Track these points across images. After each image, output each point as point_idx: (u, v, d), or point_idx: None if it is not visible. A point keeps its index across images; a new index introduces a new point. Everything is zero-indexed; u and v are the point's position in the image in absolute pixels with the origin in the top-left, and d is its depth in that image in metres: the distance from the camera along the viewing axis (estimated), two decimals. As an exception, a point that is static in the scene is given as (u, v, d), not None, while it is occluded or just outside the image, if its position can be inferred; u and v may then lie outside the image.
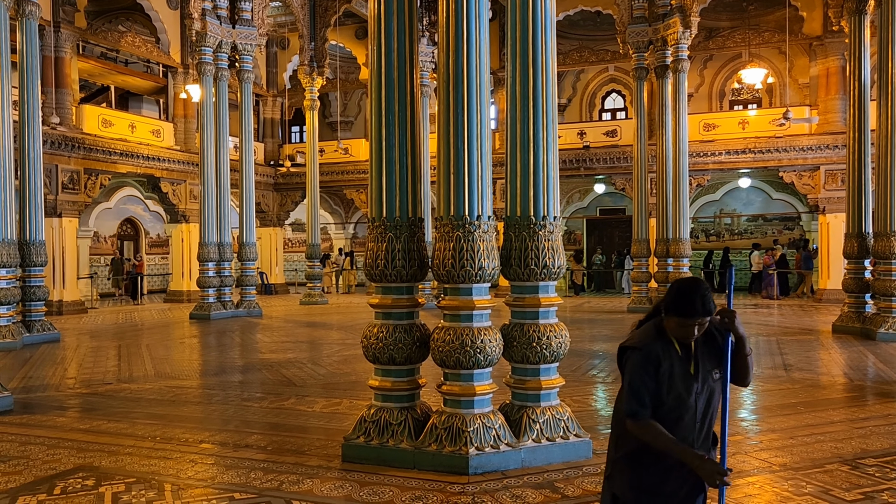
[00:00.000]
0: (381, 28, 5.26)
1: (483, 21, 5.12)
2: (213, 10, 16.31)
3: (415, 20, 5.42)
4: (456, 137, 5.01)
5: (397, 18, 5.24)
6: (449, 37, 5.07)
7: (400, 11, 5.24)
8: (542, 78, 5.23)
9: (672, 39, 16.06)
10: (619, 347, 2.75)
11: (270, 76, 25.42)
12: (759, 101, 23.97)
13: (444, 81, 5.09)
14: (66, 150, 17.09)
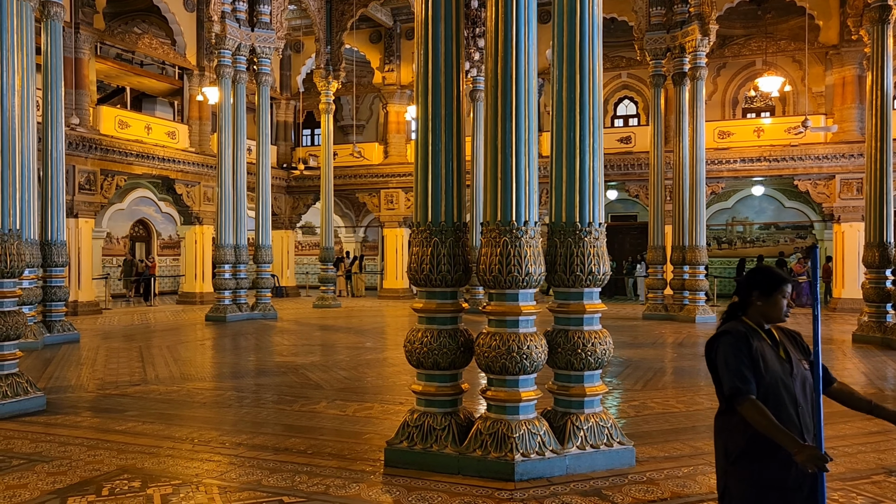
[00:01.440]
0: (428, 33, 5.27)
1: (532, 27, 5.13)
2: (232, 13, 16.35)
3: (461, 25, 5.44)
4: (504, 143, 5.01)
5: (444, 24, 5.25)
6: (497, 42, 5.07)
7: (447, 17, 5.26)
8: (588, 83, 5.24)
9: (690, 47, 16.07)
10: (706, 344, 2.76)
11: (284, 79, 25.48)
12: (773, 109, 23.95)
13: (492, 86, 5.10)
14: (84, 150, 17.14)
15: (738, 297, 2.73)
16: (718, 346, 2.66)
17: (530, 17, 5.14)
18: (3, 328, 6.67)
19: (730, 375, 2.58)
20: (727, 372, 2.59)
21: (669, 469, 5.09)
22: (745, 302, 2.70)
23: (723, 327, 2.71)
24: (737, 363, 2.57)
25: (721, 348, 2.65)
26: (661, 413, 7.03)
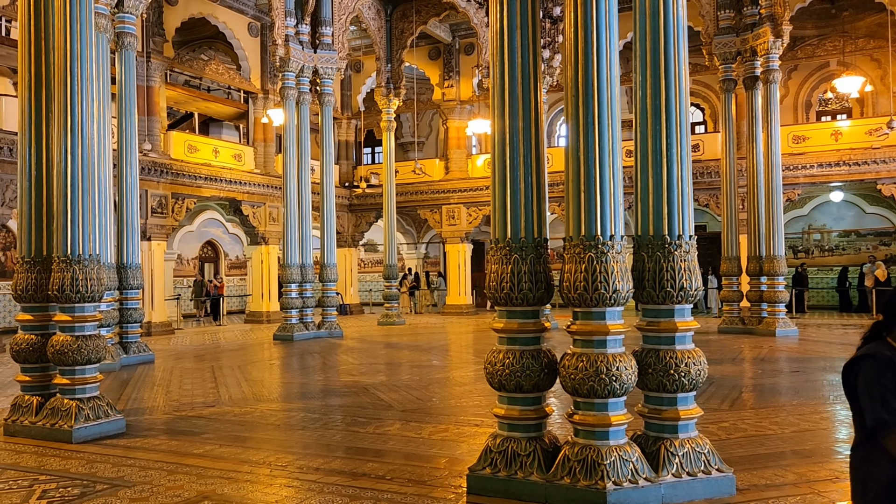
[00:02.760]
0: (504, 44, 5.11)
1: (613, 32, 4.91)
2: (295, 37, 16.60)
3: (538, 35, 5.26)
4: (586, 154, 4.79)
5: (521, 34, 5.09)
6: (578, 50, 4.87)
7: (524, 26, 5.09)
8: (674, 88, 4.97)
9: (762, 49, 15.49)
10: (843, 367, 2.48)
11: (345, 99, 25.78)
12: (850, 111, 22.95)
13: (573, 96, 4.88)
14: (156, 175, 17.61)
15: (884, 315, 2.44)
16: (860, 371, 2.37)
17: (611, 20, 4.93)
18: (84, 352, 6.76)
19: (873, 404, 2.29)
20: (870, 400, 2.30)
21: (774, 499, 4.73)
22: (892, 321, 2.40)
23: (864, 349, 2.41)
24: (881, 391, 2.28)
25: (863, 373, 2.36)
26: (755, 435, 6.62)
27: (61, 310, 6.87)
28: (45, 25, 7.15)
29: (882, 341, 2.42)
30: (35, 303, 7.09)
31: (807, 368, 10.48)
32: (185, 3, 19.15)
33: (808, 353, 12.63)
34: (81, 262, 6.81)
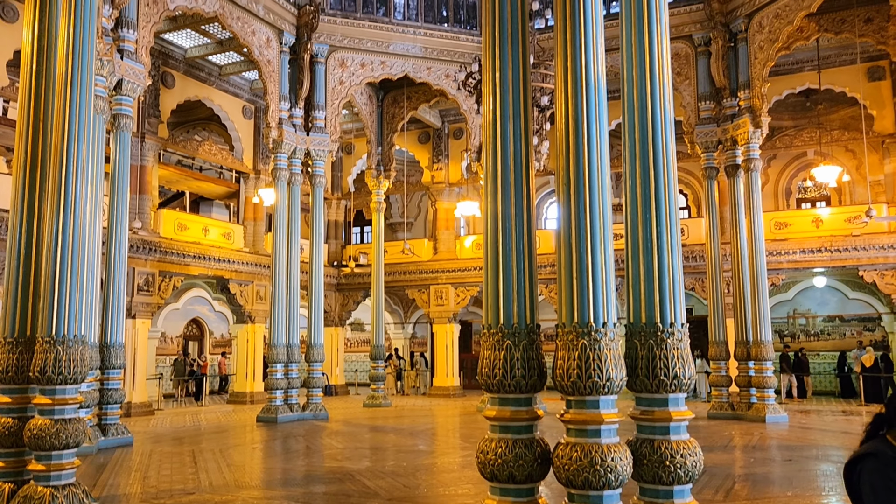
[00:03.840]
0: (496, 133, 5.25)
1: (603, 123, 5.07)
2: (289, 120, 16.97)
3: (530, 124, 5.41)
4: (578, 241, 4.85)
5: (513, 123, 5.24)
6: (569, 140, 5.00)
7: (516, 117, 5.25)
8: (663, 177, 5.10)
9: (742, 139, 15.99)
10: (845, 466, 2.42)
11: (336, 179, 26.15)
12: (828, 199, 23.51)
13: (564, 184, 4.99)
14: (144, 253, 17.58)
15: (888, 409, 2.39)
16: (863, 471, 2.32)
17: (601, 112, 5.10)
18: (63, 436, 6.57)
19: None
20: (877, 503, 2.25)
21: None
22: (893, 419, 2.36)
23: (866, 447, 2.35)
24: (887, 494, 2.23)
25: (866, 475, 2.29)
26: (751, 529, 6.45)
27: (42, 392, 6.71)
28: (45, 107, 7.28)
29: (881, 439, 2.37)
30: (15, 384, 6.92)
31: (799, 457, 10.34)
32: (182, 86, 19.62)
33: (800, 440, 12.47)
34: (66, 342, 6.70)
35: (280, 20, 17.03)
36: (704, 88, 16.91)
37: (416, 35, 18.76)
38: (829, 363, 22.29)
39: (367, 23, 18.34)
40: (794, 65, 19.60)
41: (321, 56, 17.80)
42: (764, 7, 15.70)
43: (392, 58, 18.67)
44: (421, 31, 18.82)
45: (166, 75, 19.21)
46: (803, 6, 14.69)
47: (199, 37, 18.92)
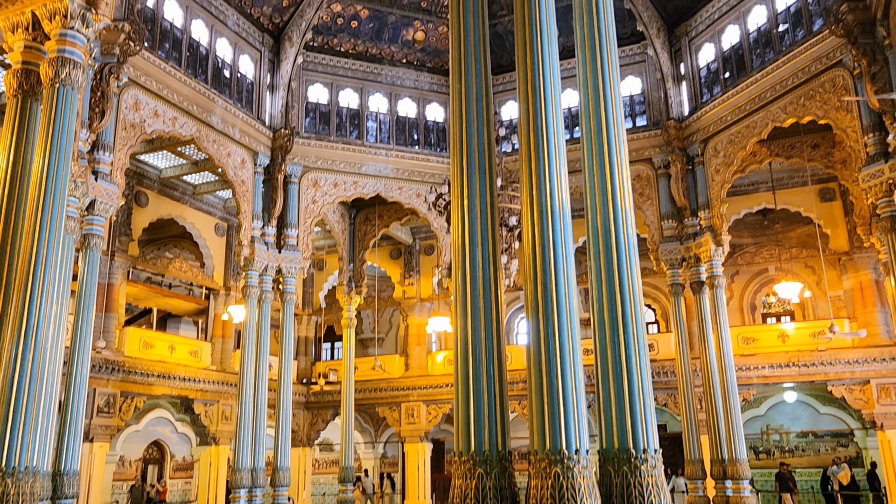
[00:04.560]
0: (465, 256, 5.36)
1: (569, 244, 5.23)
2: (261, 238, 17.13)
3: (497, 245, 5.55)
4: (548, 363, 4.88)
5: (481, 245, 5.37)
6: (535, 262, 5.13)
7: (483, 238, 5.39)
8: (629, 300, 5.21)
9: (705, 257, 16.46)
10: None
11: (306, 296, 26.08)
12: (792, 314, 23.98)
13: (533, 307, 5.07)
14: (106, 372, 17.10)
15: None
16: None
17: (567, 234, 5.26)
18: (5, 577, 6.14)
19: None
20: None
21: None
22: None
23: None
24: None
25: None
26: None
27: (-13, 527, 6.33)
28: (15, 229, 7.30)
29: None
30: (-41, 519, 6.53)
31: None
32: (156, 204, 19.80)
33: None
34: (16, 475, 6.39)
35: (255, 143, 17.53)
36: (666, 208, 17.54)
37: (388, 157, 19.37)
38: (805, 480, 21.96)
39: (340, 145, 18.95)
40: (750, 186, 20.49)
41: (295, 176, 18.23)
42: (718, 133, 16.61)
43: (364, 178, 19.18)
44: (393, 152, 19.46)
45: (140, 194, 19.42)
46: (754, 133, 15.58)
47: (175, 158, 19.31)
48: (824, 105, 13.95)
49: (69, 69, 9.14)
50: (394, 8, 19.41)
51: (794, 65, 14.67)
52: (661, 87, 18.16)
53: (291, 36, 18.37)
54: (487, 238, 5.48)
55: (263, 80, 18.33)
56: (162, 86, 14.92)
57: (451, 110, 6.33)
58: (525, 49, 6.34)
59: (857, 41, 12.73)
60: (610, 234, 5.41)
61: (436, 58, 20.48)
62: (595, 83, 6.21)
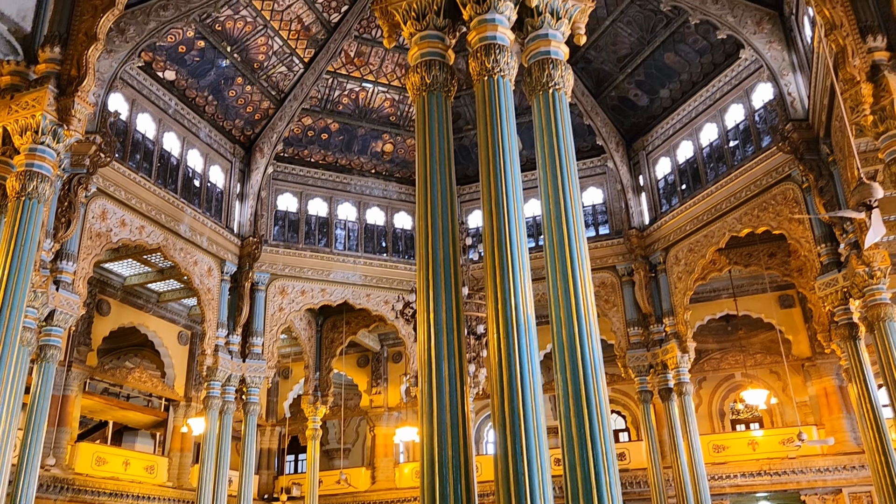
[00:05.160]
0: (431, 367, 5.33)
1: (534, 353, 5.25)
2: (225, 346, 16.84)
3: (463, 351, 5.55)
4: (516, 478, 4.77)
5: (447, 357, 5.36)
6: (502, 372, 5.11)
7: (450, 348, 5.39)
8: (596, 410, 5.19)
9: (672, 363, 16.55)
10: None
11: (271, 405, 25.38)
12: (760, 420, 23.92)
13: (500, 420, 5.01)
14: (54, 492, 16.19)
15: None
16: None
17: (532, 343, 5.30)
18: None
19: None
20: None
21: None
22: None
23: None
24: None
25: None
26: None
27: None
28: (-31, 341, 7.09)
29: None
30: None
31: None
32: (118, 313, 19.46)
33: None
34: None
35: (223, 250, 17.55)
36: (632, 315, 17.76)
37: (356, 264, 19.49)
38: None
39: (308, 252, 19.05)
40: (712, 292, 20.91)
41: (262, 284, 18.16)
42: (678, 242, 17.10)
43: (332, 285, 19.18)
44: (361, 260, 19.60)
45: (102, 303, 19.10)
46: (713, 242, 16.08)
47: (140, 266, 19.17)
48: (777, 216, 14.53)
49: (36, 183, 9.21)
50: (363, 121, 20.09)
51: (747, 178, 15.36)
52: (622, 197, 18.81)
53: (262, 147, 18.81)
54: (454, 347, 5.48)
55: (233, 189, 18.58)
56: (131, 195, 15.02)
57: (417, 222, 6.47)
58: (488, 162, 6.58)
59: (804, 157, 13.46)
60: (575, 342, 5.44)
61: (403, 168, 21.05)
62: (556, 195, 6.43)
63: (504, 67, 7.07)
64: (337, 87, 19.26)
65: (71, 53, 10.36)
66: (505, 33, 7.28)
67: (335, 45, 17.95)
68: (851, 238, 12.24)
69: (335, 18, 17.66)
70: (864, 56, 9.52)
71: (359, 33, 18.06)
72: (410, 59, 7.56)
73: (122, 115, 15.51)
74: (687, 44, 16.60)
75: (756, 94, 15.70)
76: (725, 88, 16.40)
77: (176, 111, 16.97)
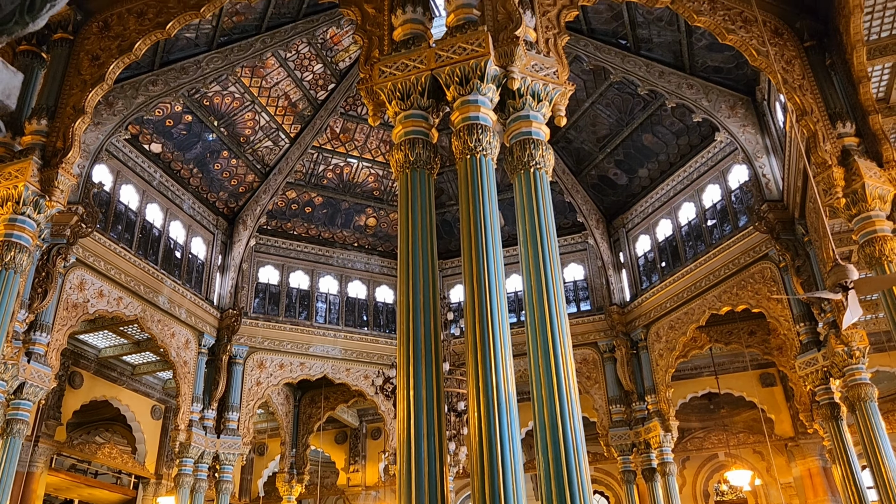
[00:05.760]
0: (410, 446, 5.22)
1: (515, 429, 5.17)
2: (199, 422, 16.41)
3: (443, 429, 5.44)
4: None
5: (427, 435, 5.25)
6: (483, 453, 5.01)
7: (430, 425, 5.29)
8: (578, 491, 5.07)
9: (655, 443, 16.32)
10: None
11: (244, 483, 24.53)
12: (745, 501, 23.48)
13: (480, 500, 4.88)
14: (11, 575, 15.37)
15: None
16: None
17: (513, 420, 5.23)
18: None
19: None
20: None
21: None
22: None
23: None
24: None
25: None
26: None
27: None
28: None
29: None
30: None
31: None
32: (90, 385, 18.98)
33: None
34: None
35: (201, 322, 17.33)
36: (614, 392, 17.61)
37: (337, 338, 19.28)
38: None
39: (288, 325, 18.86)
40: (694, 370, 20.87)
41: (240, 357, 17.87)
42: (659, 319, 17.15)
43: (312, 359, 18.92)
44: (341, 333, 19.40)
45: (75, 375, 18.64)
46: (693, 319, 16.14)
47: (116, 337, 18.83)
48: (756, 295, 14.67)
49: (14, 253, 9.13)
50: (347, 195, 20.29)
51: (725, 257, 15.58)
52: (603, 273, 18.95)
53: (245, 220, 18.86)
54: (434, 424, 5.39)
55: (215, 260, 18.50)
56: (110, 266, 14.90)
57: (399, 297, 6.46)
58: (470, 239, 6.64)
59: (780, 237, 13.71)
60: (557, 420, 5.38)
61: (386, 242, 21.15)
62: (538, 272, 6.48)
63: (486, 147, 7.22)
64: (322, 162, 19.53)
65: (58, 126, 10.46)
66: (487, 114, 7.47)
67: (321, 121, 18.32)
68: (829, 317, 12.35)
69: (322, 96, 18.08)
70: (834, 141, 9.86)
71: (345, 110, 18.48)
72: (395, 137, 7.71)
73: (106, 186, 15.55)
74: (664, 126, 17.12)
75: (732, 175, 16.11)
76: (702, 169, 16.83)
77: (160, 183, 17.06)
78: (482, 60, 7.45)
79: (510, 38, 7.59)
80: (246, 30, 15.71)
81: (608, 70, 15.98)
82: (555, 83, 7.83)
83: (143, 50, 10.98)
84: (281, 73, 17.21)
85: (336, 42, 17.31)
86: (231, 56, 15.60)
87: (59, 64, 11.06)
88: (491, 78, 7.51)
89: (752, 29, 10.33)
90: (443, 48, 7.72)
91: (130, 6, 11.15)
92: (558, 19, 8.76)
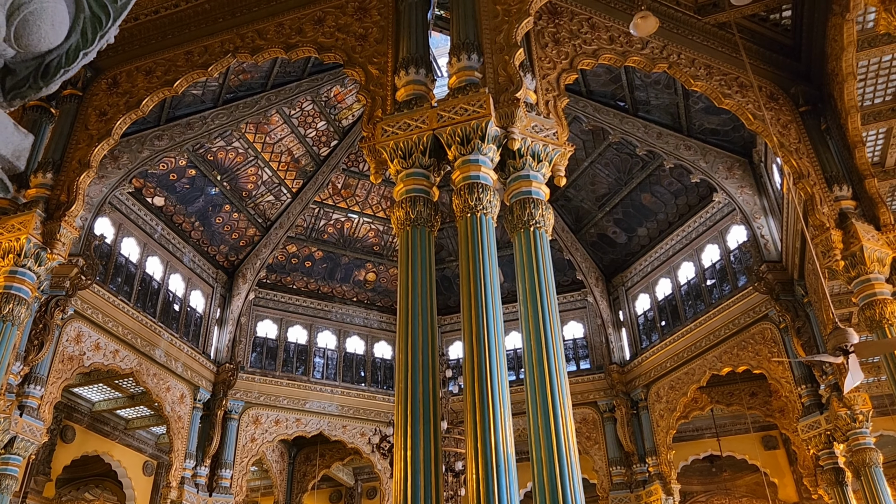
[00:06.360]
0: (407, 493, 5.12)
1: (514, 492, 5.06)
2: (192, 479, 16.09)
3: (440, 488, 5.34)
4: None
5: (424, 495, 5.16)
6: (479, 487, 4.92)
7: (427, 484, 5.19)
8: None
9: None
10: None
11: (234, 545, 23.89)
12: (751, 567, 22.83)
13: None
14: None
15: None
16: None
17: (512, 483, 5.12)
18: None
19: None
20: None
21: None
22: None
23: None
24: None
25: None
26: None
27: None
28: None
29: None
30: None
31: None
32: (82, 440, 18.66)
33: None
34: None
35: (197, 377, 17.16)
36: (614, 453, 17.31)
37: (334, 394, 19.07)
38: None
39: (285, 381, 18.67)
40: (695, 431, 20.55)
41: (235, 412, 17.64)
42: (659, 379, 16.99)
43: (308, 415, 18.66)
44: (339, 389, 19.19)
45: (67, 429, 18.35)
46: (694, 380, 15.99)
47: (110, 391, 18.62)
48: (756, 356, 14.57)
49: (13, 305, 9.11)
50: (347, 250, 20.35)
51: (725, 317, 15.52)
52: (603, 332, 18.85)
53: (245, 273, 18.87)
54: (431, 484, 5.29)
55: (213, 314, 18.44)
56: (108, 318, 14.83)
57: (398, 355, 6.43)
58: (469, 297, 6.64)
59: (780, 298, 13.70)
60: (556, 481, 5.28)
61: (385, 297, 21.11)
62: (537, 330, 6.46)
63: (487, 206, 7.28)
64: (323, 217, 19.66)
65: (62, 179, 10.57)
66: (488, 173, 7.56)
67: (323, 176, 18.52)
68: (831, 380, 12.24)
69: (324, 152, 18.32)
70: (831, 204, 9.96)
71: (346, 166, 18.70)
72: (396, 194, 7.78)
73: (108, 239, 15.62)
74: (662, 186, 17.29)
75: (731, 235, 16.20)
76: (701, 229, 16.93)
77: (161, 236, 17.13)
78: (483, 121, 7.58)
79: (511, 99, 7.74)
80: (252, 87, 16.03)
81: (607, 130, 16.24)
82: (555, 144, 7.95)
83: (150, 106, 11.18)
84: (285, 129, 17.50)
85: (339, 100, 17.64)
86: (236, 112, 15.87)
87: (67, 119, 11.25)
88: (492, 138, 7.62)
89: (748, 94, 10.55)
90: (445, 108, 7.86)
91: (139, 64, 11.40)
92: (558, 82, 8.97)
